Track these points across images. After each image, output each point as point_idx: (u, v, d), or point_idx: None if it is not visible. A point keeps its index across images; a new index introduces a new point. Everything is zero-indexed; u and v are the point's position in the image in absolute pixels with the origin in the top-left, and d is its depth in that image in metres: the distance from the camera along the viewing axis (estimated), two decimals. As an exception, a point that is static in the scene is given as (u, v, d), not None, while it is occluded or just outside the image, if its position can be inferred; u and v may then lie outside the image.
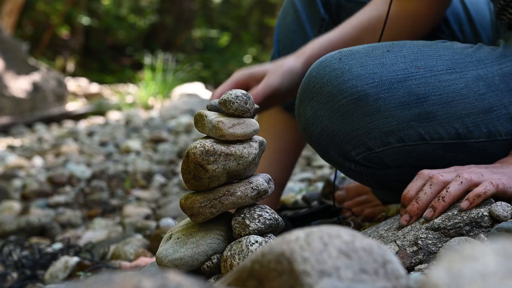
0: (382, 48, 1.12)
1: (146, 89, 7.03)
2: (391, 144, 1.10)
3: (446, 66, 1.10)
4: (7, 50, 6.37)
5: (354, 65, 1.09)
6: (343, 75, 1.08)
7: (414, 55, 1.11)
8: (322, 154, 1.19)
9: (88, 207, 2.63)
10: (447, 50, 1.13)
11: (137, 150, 4.00)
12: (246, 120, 0.98)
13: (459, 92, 1.09)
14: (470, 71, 1.11)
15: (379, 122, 1.08)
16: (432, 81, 1.08)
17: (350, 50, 1.12)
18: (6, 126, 5.56)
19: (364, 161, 1.13)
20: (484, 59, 1.13)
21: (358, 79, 1.07)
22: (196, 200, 0.98)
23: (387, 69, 1.08)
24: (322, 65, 1.12)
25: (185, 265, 0.97)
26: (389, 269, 0.60)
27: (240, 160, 0.96)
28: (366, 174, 1.17)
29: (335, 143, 1.12)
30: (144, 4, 12.95)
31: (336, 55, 1.12)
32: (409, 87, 1.08)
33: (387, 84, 1.07)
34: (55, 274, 1.57)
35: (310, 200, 1.83)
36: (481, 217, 0.97)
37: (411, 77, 1.08)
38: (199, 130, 1.00)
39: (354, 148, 1.11)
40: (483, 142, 1.11)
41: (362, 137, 1.10)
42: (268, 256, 0.61)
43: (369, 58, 1.10)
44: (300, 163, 2.75)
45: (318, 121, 1.12)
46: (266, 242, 0.95)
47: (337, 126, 1.10)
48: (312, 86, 1.12)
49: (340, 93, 1.08)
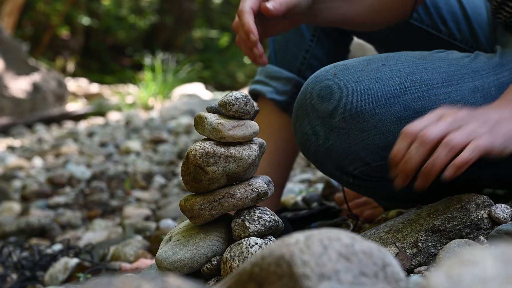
0: (377, 62, 1.12)
1: (146, 89, 7.03)
2: (388, 158, 1.10)
3: (442, 78, 1.10)
4: (7, 50, 6.37)
5: (349, 80, 1.09)
6: (339, 91, 1.08)
7: (409, 68, 1.11)
8: (320, 169, 1.19)
9: (88, 208, 2.63)
10: (443, 62, 1.13)
11: (137, 151, 4.00)
12: (246, 122, 0.98)
13: (455, 104, 1.08)
14: (466, 83, 1.10)
15: (375, 137, 1.08)
16: (428, 94, 1.08)
17: (345, 65, 1.12)
18: (6, 127, 5.56)
19: (361, 175, 1.14)
20: (480, 69, 1.13)
21: (353, 95, 1.07)
22: (196, 202, 0.99)
23: (382, 84, 1.08)
24: (317, 81, 1.12)
25: (184, 267, 0.97)
26: (388, 272, 0.60)
27: (240, 162, 0.96)
28: (364, 187, 1.17)
29: (332, 159, 1.13)
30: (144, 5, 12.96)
31: (331, 70, 1.11)
32: (405, 101, 1.08)
33: (382, 100, 1.07)
34: (55, 276, 1.57)
35: (310, 201, 1.83)
36: (480, 219, 0.97)
37: (406, 92, 1.08)
38: (199, 132, 1.00)
39: (351, 163, 1.12)
40: None
41: (359, 152, 1.10)
42: (268, 259, 0.61)
43: (364, 73, 1.10)
44: (300, 164, 2.75)
45: (315, 137, 1.13)
46: (266, 244, 0.95)
47: (333, 142, 1.11)
48: (308, 102, 1.12)
49: (336, 110, 1.08)
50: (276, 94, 1.53)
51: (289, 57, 1.54)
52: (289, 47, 1.53)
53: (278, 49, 1.56)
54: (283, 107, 1.54)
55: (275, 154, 1.55)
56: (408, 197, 1.23)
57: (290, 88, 1.53)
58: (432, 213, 1.03)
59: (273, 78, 1.55)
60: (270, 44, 1.59)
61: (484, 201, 1.01)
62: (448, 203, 1.03)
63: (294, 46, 1.53)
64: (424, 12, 1.43)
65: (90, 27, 11.68)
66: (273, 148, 1.54)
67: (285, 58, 1.54)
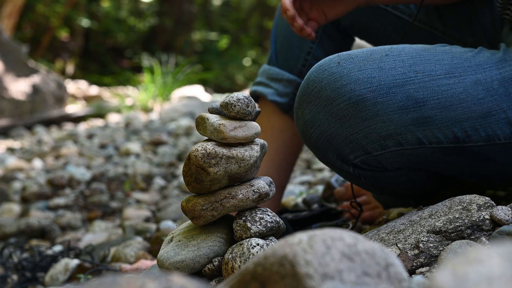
0: (380, 52, 1.12)
1: (146, 91, 7.03)
2: (389, 147, 1.10)
3: (445, 70, 1.10)
4: (6, 52, 6.37)
5: (352, 69, 1.09)
6: (341, 79, 1.09)
7: (412, 59, 1.11)
8: (320, 157, 1.19)
9: (88, 210, 2.63)
10: (446, 55, 1.14)
11: (137, 153, 3.99)
12: (248, 123, 0.98)
13: (457, 96, 1.09)
14: (469, 75, 1.11)
15: (377, 126, 1.08)
16: (431, 85, 1.09)
17: (349, 54, 1.12)
18: (6, 128, 5.56)
19: (362, 164, 1.13)
20: (483, 63, 1.13)
21: (356, 83, 1.08)
22: (198, 202, 0.99)
23: (385, 73, 1.09)
24: (320, 69, 1.12)
25: (186, 268, 0.97)
26: (391, 272, 0.60)
27: (241, 163, 0.96)
28: (364, 177, 1.17)
29: (333, 147, 1.13)
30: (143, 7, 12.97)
31: (334, 59, 1.12)
32: (408, 91, 1.08)
33: (385, 89, 1.07)
34: (56, 277, 1.56)
35: (311, 203, 1.83)
36: (482, 220, 0.97)
37: (409, 82, 1.08)
38: (201, 133, 1.00)
39: (352, 151, 1.12)
40: (482, 146, 1.11)
41: (360, 141, 1.10)
42: (271, 259, 0.61)
43: (368, 62, 1.10)
44: (300, 166, 2.75)
45: (317, 124, 1.13)
46: (267, 245, 0.95)
47: (335, 130, 1.11)
48: (311, 89, 1.12)
49: (338, 97, 1.09)
50: (278, 96, 1.54)
51: (291, 58, 1.54)
52: (290, 49, 1.53)
53: (279, 51, 1.56)
54: (284, 109, 1.54)
55: (276, 156, 1.55)
56: (408, 192, 1.23)
57: (291, 90, 1.53)
58: (433, 214, 1.03)
59: (275, 80, 1.55)
60: (271, 46, 1.59)
61: (485, 202, 1.01)
62: (449, 204, 1.03)
63: (295, 48, 1.53)
64: (427, 13, 1.43)
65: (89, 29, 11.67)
66: (274, 150, 1.54)
67: (287, 60, 1.55)
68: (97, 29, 11.85)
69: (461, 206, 1.01)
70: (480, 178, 1.21)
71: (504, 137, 1.11)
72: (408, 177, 1.17)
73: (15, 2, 8.45)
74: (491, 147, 1.12)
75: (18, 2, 8.55)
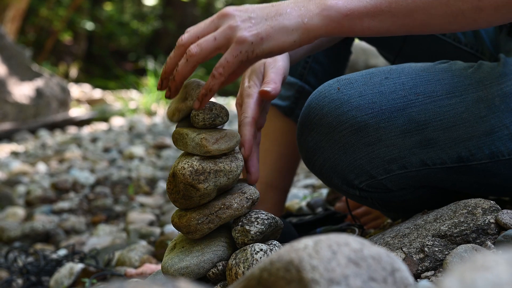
0: (380, 75, 1.12)
1: (149, 95, 7.04)
2: (393, 171, 1.10)
3: (446, 90, 1.10)
4: (10, 56, 6.39)
5: (353, 95, 1.08)
6: (342, 106, 1.08)
7: (412, 81, 1.11)
8: (326, 183, 1.19)
9: (92, 213, 2.63)
10: (446, 73, 1.13)
11: (141, 156, 4.00)
12: (227, 132, 0.98)
13: (459, 116, 1.08)
14: (470, 94, 1.10)
15: (380, 151, 1.08)
16: (432, 107, 1.08)
17: (348, 79, 1.12)
18: (10, 132, 5.57)
19: (367, 187, 1.14)
20: (483, 79, 1.12)
21: (357, 110, 1.07)
22: (192, 217, 0.97)
23: (386, 97, 1.08)
24: (321, 96, 1.12)
25: (191, 274, 0.97)
26: (397, 277, 0.60)
27: (229, 175, 0.96)
28: (371, 198, 1.18)
29: (337, 173, 1.13)
30: (146, 10, 13.00)
31: (334, 85, 1.11)
32: (409, 114, 1.08)
33: (387, 113, 1.07)
34: (60, 281, 1.57)
35: (315, 206, 1.83)
36: (487, 224, 0.97)
37: (410, 105, 1.08)
38: (181, 149, 0.99)
39: (357, 176, 1.12)
40: (486, 163, 1.11)
41: (364, 166, 1.10)
42: (277, 264, 0.61)
43: (368, 87, 1.10)
44: (304, 169, 2.75)
45: (320, 152, 1.13)
46: (271, 250, 0.95)
47: (338, 157, 1.11)
48: (312, 117, 1.12)
49: (340, 125, 1.08)
50: (279, 99, 1.54)
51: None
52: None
53: None
54: (286, 112, 1.54)
55: (279, 159, 1.55)
56: (417, 207, 1.23)
57: (293, 93, 1.53)
58: (438, 218, 1.03)
59: None
60: None
61: (490, 206, 1.01)
62: (454, 208, 1.03)
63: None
64: None
65: (93, 32, 11.71)
66: (277, 153, 1.54)
67: None
68: (100, 33, 11.89)
69: (466, 210, 1.01)
70: (485, 192, 1.21)
71: (508, 152, 1.11)
72: (414, 195, 1.18)
73: (18, 6, 8.48)
74: (495, 164, 1.11)
75: (22, 6, 8.59)
